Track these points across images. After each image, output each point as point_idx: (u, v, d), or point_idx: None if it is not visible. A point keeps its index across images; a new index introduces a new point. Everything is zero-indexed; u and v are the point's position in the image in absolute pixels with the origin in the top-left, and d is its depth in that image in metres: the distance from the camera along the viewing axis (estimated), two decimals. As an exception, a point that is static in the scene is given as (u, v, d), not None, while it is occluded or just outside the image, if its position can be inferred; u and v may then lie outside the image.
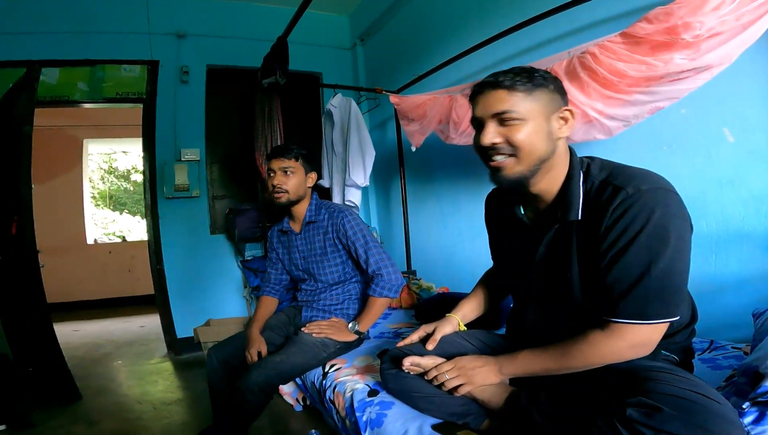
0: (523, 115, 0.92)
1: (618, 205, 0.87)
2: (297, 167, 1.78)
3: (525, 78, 0.93)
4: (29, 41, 2.97)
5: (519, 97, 0.93)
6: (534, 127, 0.93)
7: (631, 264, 0.86)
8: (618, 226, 0.87)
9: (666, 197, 0.86)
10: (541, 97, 0.94)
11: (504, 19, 2.23)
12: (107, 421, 2.14)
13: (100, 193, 7.71)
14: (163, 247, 3.29)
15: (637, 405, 0.74)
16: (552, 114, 0.95)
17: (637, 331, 0.87)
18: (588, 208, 0.94)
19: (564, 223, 0.98)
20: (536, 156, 0.94)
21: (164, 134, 3.30)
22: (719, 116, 1.59)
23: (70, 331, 4.31)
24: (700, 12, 1.26)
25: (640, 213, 0.85)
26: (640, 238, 0.85)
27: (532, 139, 0.93)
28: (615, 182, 0.90)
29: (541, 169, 0.96)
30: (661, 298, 0.85)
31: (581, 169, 0.98)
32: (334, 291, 1.87)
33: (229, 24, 3.51)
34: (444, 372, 1.11)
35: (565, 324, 1.02)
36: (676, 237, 0.84)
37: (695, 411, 0.71)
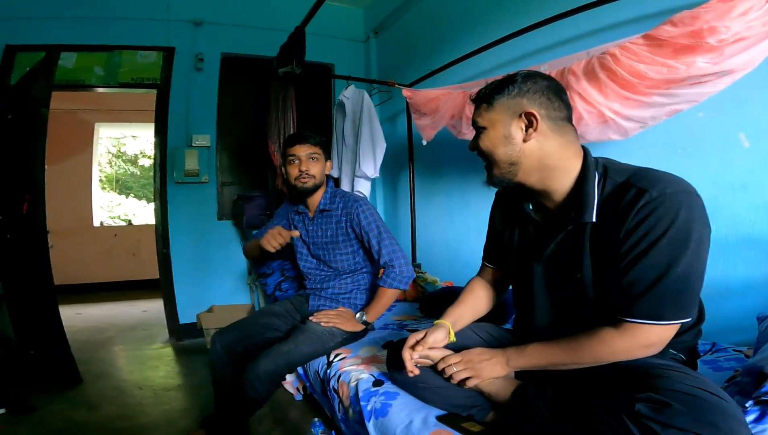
0: (485, 123, 1.02)
1: (642, 206, 0.86)
2: (320, 154, 1.80)
3: (491, 89, 1.02)
4: (49, 26, 3.00)
5: (482, 108, 1.03)
6: (492, 136, 1.01)
7: (650, 266, 0.85)
8: (641, 228, 0.86)
9: (690, 200, 0.85)
10: (498, 107, 1.00)
11: (523, 17, 2.22)
12: (107, 406, 2.15)
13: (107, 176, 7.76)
14: (170, 232, 3.31)
15: (646, 400, 0.75)
16: (511, 119, 0.99)
17: (650, 331, 0.87)
18: (605, 210, 0.93)
19: (577, 225, 0.97)
20: (500, 159, 1.01)
21: (176, 120, 3.31)
22: (736, 121, 1.58)
23: (73, 313, 4.33)
24: (727, 17, 1.25)
25: (665, 216, 0.84)
26: (662, 242, 0.84)
27: (490, 147, 1.01)
28: (639, 184, 0.89)
29: (521, 170, 1.00)
30: (676, 300, 0.85)
31: (597, 170, 0.97)
32: (343, 280, 1.87)
33: (244, 13, 3.52)
34: (451, 364, 1.11)
35: (573, 321, 1.02)
36: (696, 240, 0.84)
37: (703, 407, 0.72)
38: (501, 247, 1.24)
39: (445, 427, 1.09)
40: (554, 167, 0.98)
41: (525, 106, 0.98)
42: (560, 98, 0.99)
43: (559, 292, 1.05)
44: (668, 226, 0.84)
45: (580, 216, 0.95)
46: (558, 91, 1.00)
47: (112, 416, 2.04)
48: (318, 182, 1.80)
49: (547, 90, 0.99)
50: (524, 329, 1.21)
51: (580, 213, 0.95)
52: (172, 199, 3.32)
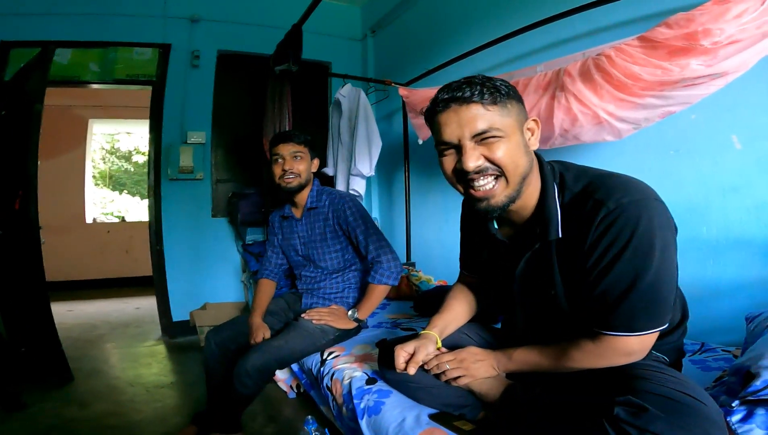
0: (502, 132, 0.87)
1: (601, 220, 0.84)
2: (305, 152, 1.80)
3: (493, 89, 0.87)
4: (44, 22, 2.97)
5: (495, 111, 0.87)
6: (514, 143, 0.88)
7: (617, 280, 0.84)
8: (602, 242, 0.84)
9: (648, 208, 0.83)
10: (512, 109, 0.89)
11: (519, 17, 2.22)
12: (99, 404, 2.14)
13: (101, 172, 7.69)
14: (164, 229, 3.30)
15: (625, 404, 0.76)
16: (523, 125, 0.91)
17: (627, 342, 0.87)
18: (567, 223, 0.91)
19: (544, 242, 0.94)
20: (520, 173, 0.89)
21: (171, 117, 3.30)
22: (729, 123, 1.60)
23: (65, 310, 4.30)
24: (722, 19, 1.26)
25: (624, 229, 0.82)
26: (625, 255, 0.82)
27: (514, 156, 0.88)
28: (595, 196, 0.86)
29: (524, 185, 0.92)
30: (647, 311, 0.85)
31: (554, 179, 0.94)
32: (334, 279, 1.87)
33: (241, 10, 3.50)
34: (445, 362, 1.11)
35: (553, 330, 1.03)
36: (660, 249, 0.82)
37: (680, 411, 0.73)
38: (475, 257, 1.22)
39: (438, 426, 1.10)
40: (533, 180, 0.94)
41: (526, 113, 0.93)
42: None
43: (534, 307, 1.05)
44: (629, 237, 0.82)
45: (545, 233, 0.92)
46: None
47: (104, 413, 2.03)
48: (303, 181, 1.80)
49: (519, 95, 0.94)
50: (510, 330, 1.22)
51: (545, 230, 0.92)
52: (166, 195, 3.30)
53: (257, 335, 1.69)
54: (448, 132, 0.89)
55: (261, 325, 1.75)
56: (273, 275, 1.98)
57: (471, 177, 0.89)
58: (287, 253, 1.97)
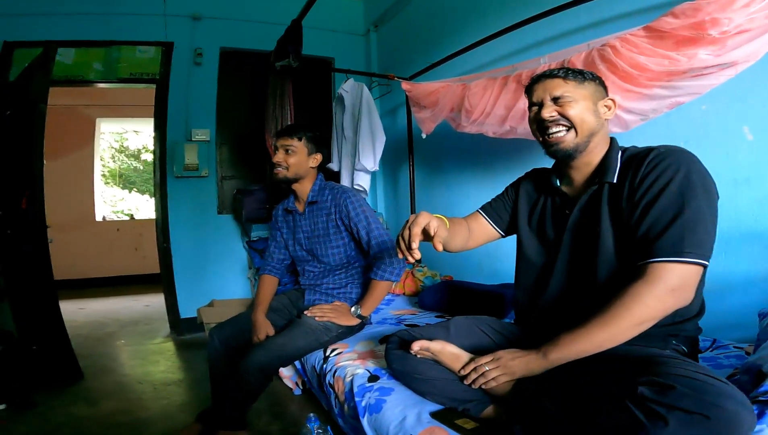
0: (574, 97, 1.08)
1: (651, 159, 0.98)
2: (299, 147, 1.79)
3: (577, 73, 1.11)
4: (46, 22, 2.99)
5: (572, 84, 1.09)
6: (584, 106, 1.08)
7: (665, 208, 0.93)
8: (650, 176, 0.97)
9: (693, 158, 0.97)
10: (589, 87, 1.11)
11: (522, 9, 2.18)
12: (107, 402, 2.16)
13: (111, 171, 7.78)
14: (170, 226, 3.32)
15: (649, 384, 0.74)
16: (598, 101, 1.11)
17: (673, 271, 0.90)
18: (622, 173, 1.04)
19: (600, 186, 1.07)
20: (587, 128, 1.08)
21: (176, 114, 3.31)
22: (740, 114, 1.56)
23: (76, 308, 4.36)
24: (729, 8, 1.23)
25: (671, 166, 0.95)
26: (671, 186, 0.93)
27: (582, 115, 1.08)
28: (649, 148, 1.03)
29: (593, 142, 1.09)
30: (695, 234, 0.90)
31: (619, 150, 1.11)
32: (338, 274, 1.86)
33: (243, 7, 3.50)
34: (483, 364, 1.08)
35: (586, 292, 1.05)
36: (702, 187, 0.93)
37: (707, 390, 0.71)
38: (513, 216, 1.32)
39: (439, 424, 1.09)
40: (598, 144, 1.11)
41: (605, 94, 1.14)
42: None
43: (578, 261, 1.10)
44: (675, 173, 0.94)
45: (603, 177, 1.07)
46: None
47: (112, 411, 2.05)
48: (291, 175, 1.80)
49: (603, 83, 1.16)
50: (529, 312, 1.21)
51: (603, 175, 1.07)
52: (172, 193, 3.32)
53: (260, 333, 1.69)
54: (536, 95, 1.14)
55: (264, 322, 1.75)
56: (275, 271, 1.97)
57: (546, 125, 1.10)
58: (291, 248, 1.96)
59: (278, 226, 1.98)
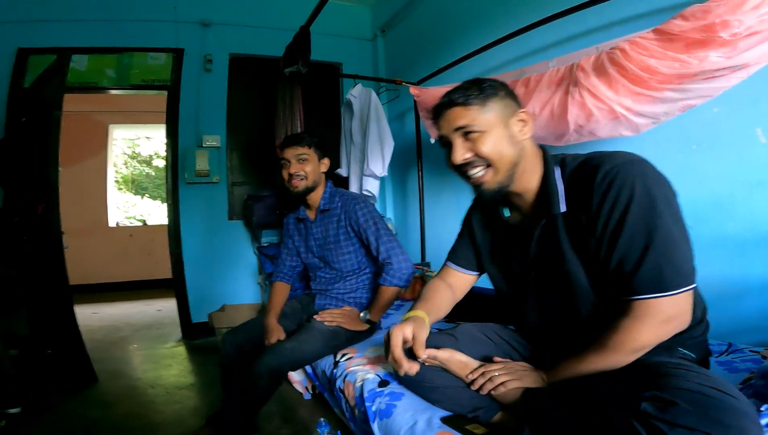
0: (482, 126, 0.99)
1: (601, 181, 0.89)
2: (310, 154, 1.80)
3: (476, 90, 1.00)
4: (59, 28, 3.04)
5: (475, 109, 0.99)
6: (496, 137, 0.99)
7: (633, 238, 0.86)
8: (606, 202, 0.88)
9: (642, 167, 0.89)
10: (494, 106, 1.00)
11: (530, 13, 2.18)
12: (121, 405, 2.18)
13: (123, 177, 7.88)
14: (182, 232, 3.35)
15: (652, 399, 0.73)
16: (509, 119, 1.01)
17: (661, 305, 0.85)
18: (571, 198, 0.97)
19: (550, 217, 1.00)
20: (507, 162, 1.00)
21: (187, 121, 3.35)
22: (753, 116, 1.54)
23: (90, 313, 4.42)
24: (739, 10, 1.22)
25: (624, 185, 0.86)
26: (633, 211, 0.85)
27: (497, 148, 0.99)
28: (591, 164, 0.93)
29: (517, 172, 1.01)
30: (672, 263, 0.84)
31: (556, 164, 1.02)
32: (349, 280, 1.87)
33: (252, 13, 3.54)
34: (493, 370, 1.08)
35: (564, 320, 1.02)
36: (664, 202, 0.85)
37: (712, 405, 0.69)
38: (477, 252, 1.26)
39: (449, 429, 1.08)
40: (528, 167, 1.03)
41: (515, 107, 1.03)
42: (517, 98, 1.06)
43: (549, 293, 1.05)
44: (630, 195, 0.86)
45: (550, 208, 0.99)
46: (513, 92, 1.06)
47: (126, 415, 2.07)
48: (310, 183, 1.81)
49: (512, 92, 1.04)
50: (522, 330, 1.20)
51: (550, 205, 0.99)
52: (183, 199, 3.36)
53: (272, 337, 1.71)
54: (441, 131, 1.05)
55: (276, 326, 1.76)
56: (287, 278, 1.99)
57: (463, 169, 1.03)
58: (302, 255, 1.97)
59: (290, 234, 2.00)
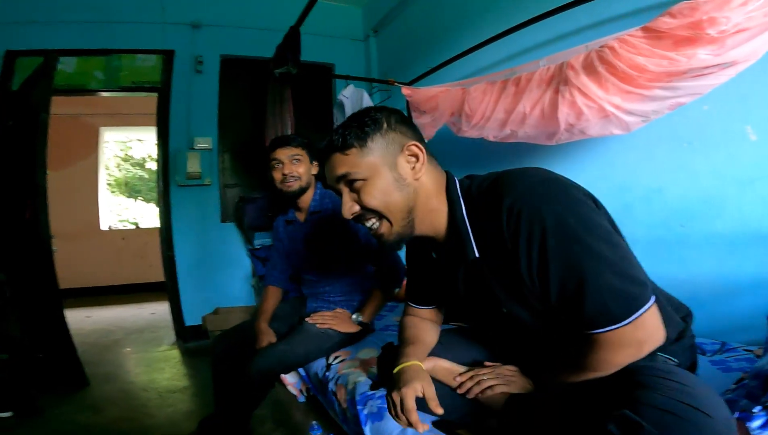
0: (363, 173, 0.88)
1: (507, 221, 0.80)
2: (303, 155, 1.79)
3: (355, 130, 0.89)
4: (48, 30, 3.01)
5: (354, 154, 0.88)
6: (381, 185, 0.88)
7: (561, 277, 0.77)
8: (520, 243, 0.79)
9: (546, 191, 0.79)
10: (376, 146, 0.89)
11: (520, 12, 2.18)
12: (112, 409, 2.17)
13: (116, 180, 7.83)
14: (174, 235, 3.33)
15: (620, 419, 0.69)
16: (396, 157, 0.90)
17: (624, 333, 0.76)
18: (482, 242, 0.89)
19: (467, 263, 0.92)
20: (399, 209, 0.89)
21: (178, 123, 3.33)
22: (742, 114, 1.54)
23: (83, 317, 4.38)
24: (726, 7, 1.21)
25: (532, 220, 0.78)
26: (549, 245, 0.76)
27: (383, 198, 0.88)
28: (493, 194, 0.84)
29: (417, 217, 0.91)
30: (616, 293, 0.75)
31: (462, 196, 0.92)
32: (339, 282, 1.86)
33: (242, 14, 3.52)
34: (482, 374, 1.06)
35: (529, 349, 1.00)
36: (580, 226, 0.76)
37: (678, 428, 0.66)
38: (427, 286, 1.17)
39: (440, 433, 1.08)
40: (435, 205, 0.93)
41: (402, 140, 0.91)
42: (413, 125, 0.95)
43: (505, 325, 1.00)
44: (542, 233, 0.77)
45: (465, 255, 0.90)
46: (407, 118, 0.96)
47: (117, 419, 2.06)
48: (304, 184, 1.80)
49: (404, 119, 0.94)
50: None
51: (464, 252, 0.90)
52: (175, 202, 3.34)
53: (263, 341, 1.69)
54: (327, 181, 0.95)
55: (266, 330, 1.75)
56: (279, 281, 1.97)
57: (358, 221, 0.93)
58: (292, 258, 1.96)
59: (280, 237, 1.98)
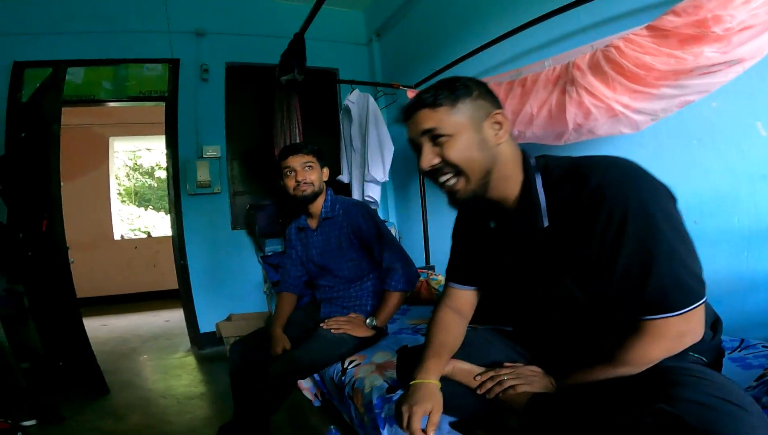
0: (450, 130, 0.91)
1: (589, 199, 0.83)
2: (315, 162, 1.81)
3: (446, 91, 0.92)
4: (54, 41, 3.04)
5: (443, 112, 0.92)
6: (465, 142, 0.92)
7: (631, 260, 0.81)
8: (598, 222, 0.82)
9: (634, 180, 0.82)
10: (465, 108, 0.93)
11: (524, 12, 2.18)
12: (133, 416, 2.20)
13: (126, 189, 7.91)
14: (187, 243, 3.36)
15: (656, 413, 0.72)
16: (482, 122, 0.93)
17: (672, 324, 0.81)
18: (555, 213, 0.91)
19: (534, 231, 0.94)
20: (478, 169, 0.93)
21: (186, 132, 3.35)
22: (751, 110, 1.53)
23: (99, 325, 4.46)
24: (730, 5, 1.22)
25: (616, 204, 0.80)
26: (628, 230, 0.80)
27: (467, 155, 0.92)
28: (577, 174, 0.87)
29: (492, 180, 0.94)
30: (678, 284, 0.79)
31: (538, 170, 0.95)
32: (352, 287, 1.88)
33: (246, 21, 3.54)
34: (502, 374, 1.07)
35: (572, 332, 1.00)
36: (661, 218, 0.79)
37: (717, 420, 0.68)
38: (472, 265, 1.17)
39: (458, 434, 1.09)
40: (506, 173, 0.96)
41: (489, 108, 0.95)
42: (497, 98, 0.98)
43: (544, 306, 1.02)
44: (625, 209, 0.80)
45: (533, 223, 0.93)
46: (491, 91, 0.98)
47: (138, 425, 2.10)
48: (317, 190, 1.82)
49: (489, 91, 0.97)
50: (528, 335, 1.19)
51: (533, 220, 0.93)
52: (187, 210, 3.37)
53: (277, 347, 1.72)
54: (410, 134, 0.98)
55: (281, 336, 1.78)
56: (293, 288, 2.00)
57: (432, 176, 0.96)
58: (305, 264, 1.99)
59: (293, 244, 2.01)
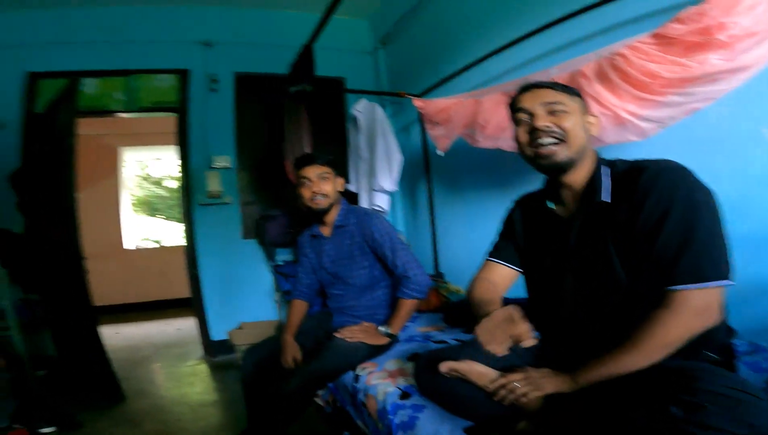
0: (568, 108, 1.10)
1: (646, 180, 0.98)
2: (330, 173, 1.85)
3: (565, 86, 1.14)
4: (67, 52, 3.10)
5: (564, 95, 1.11)
6: (576, 119, 1.10)
7: (674, 233, 0.92)
8: (650, 198, 0.96)
9: (687, 173, 0.97)
10: (578, 100, 1.14)
11: (529, 21, 2.20)
12: (148, 423, 2.24)
13: (138, 199, 8.00)
14: (198, 253, 3.40)
15: (680, 403, 0.74)
16: (585, 114, 1.14)
17: (697, 296, 0.90)
18: (616, 192, 1.05)
19: (593, 207, 1.07)
20: (579, 143, 1.09)
21: (196, 142, 3.40)
22: (757, 116, 1.53)
23: (112, 333, 4.50)
24: (734, 12, 1.23)
25: (667, 186, 0.95)
26: (675, 209, 0.92)
27: (576, 128, 1.09)
28: (637, 166, 1.03)
29: (582, 155, 1.10)
30: (711, 257, 0.90)
31: (605, 165, 1.12)
32: (364, 296, 1.91)
33: (254, 31, 3.57)
34: (513, 381, 1.09)
35: (606, 310, 1.05)
36: (706, 204, 0.93)
37: (739, 407, 0.71)
38: (518, 249, 1.32)
39: (473, 440, 1.11)
40: (589, 157, 1.13)
41: (587, 108, 1.17)
42: None
43: (585, 284, 1.09)
44: (674, 193, 0.93)
45: (594, 197, 1.07)
46: None
47: (154, 432, 2.14)
48: (332, 200, 1.86)
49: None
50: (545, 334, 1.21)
51: (594, 195, 1.07)
52: (198, 220, 3.41)
53: (287, 355, 1.75)
54: (525, 104, 1.13)
55: (292, 344, 1.80)
56: (305, 296, 2.02)
57: (539, 134, 1.09)
58: (318, 272, 2.01)
59: (305, 252, 2.04)
